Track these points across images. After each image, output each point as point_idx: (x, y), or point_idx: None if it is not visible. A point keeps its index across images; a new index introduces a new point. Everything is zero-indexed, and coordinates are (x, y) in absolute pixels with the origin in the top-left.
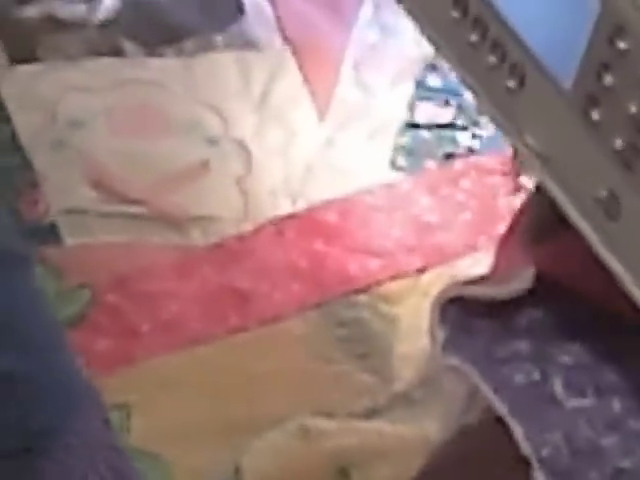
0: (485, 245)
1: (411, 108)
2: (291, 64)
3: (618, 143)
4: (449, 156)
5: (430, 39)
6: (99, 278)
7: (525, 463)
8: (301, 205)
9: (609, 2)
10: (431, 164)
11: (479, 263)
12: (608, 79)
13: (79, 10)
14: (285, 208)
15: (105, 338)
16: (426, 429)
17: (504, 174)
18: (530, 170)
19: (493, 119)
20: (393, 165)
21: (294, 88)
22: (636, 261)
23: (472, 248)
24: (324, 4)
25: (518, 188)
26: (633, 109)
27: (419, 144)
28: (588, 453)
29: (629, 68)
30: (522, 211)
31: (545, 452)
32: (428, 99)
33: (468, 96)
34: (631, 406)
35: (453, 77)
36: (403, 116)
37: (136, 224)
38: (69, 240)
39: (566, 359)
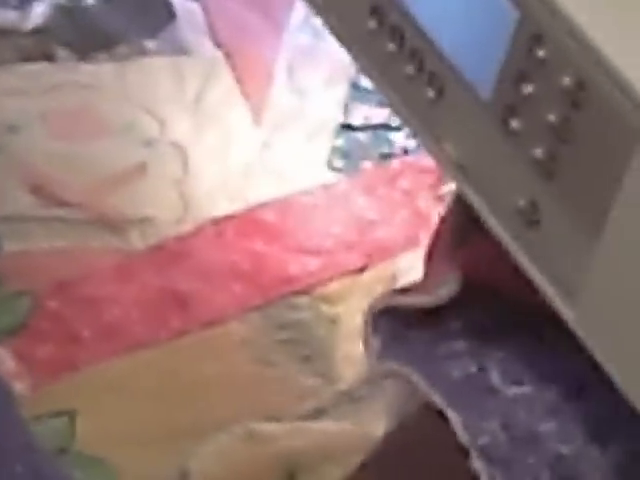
0: (425, 241)
1: (346, 110)
2: (224, 68)
3: (538, 152)
4: (385, 156)
5: (347, 49)
6: (39, 284)
7: (465, 452)
8: (240, 206)
9: (527, 9)
10: (367, 164)
11: (419, 259)
12: (527, 88)
13: (10, 17)
14: (224, 209)
15: (47, 344)
16: (372, 426)
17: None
18: (449, 178)
19: (411, 128)
20: (330, 166)
21: (228, 92)
22: (554, 265)
23: (412, 244)
24: (255, 8)
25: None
26: (552, 118)
27: (355, 145)
28: (526, 440)
29: (548, 77)
30: (445, 217)
31: (483, 440)
32: (362, 100)
33: None
34: (569, 392)
35: None
36: (338, 118)
37: (75, 228)
38: (7, 246)
39: (501, 353)
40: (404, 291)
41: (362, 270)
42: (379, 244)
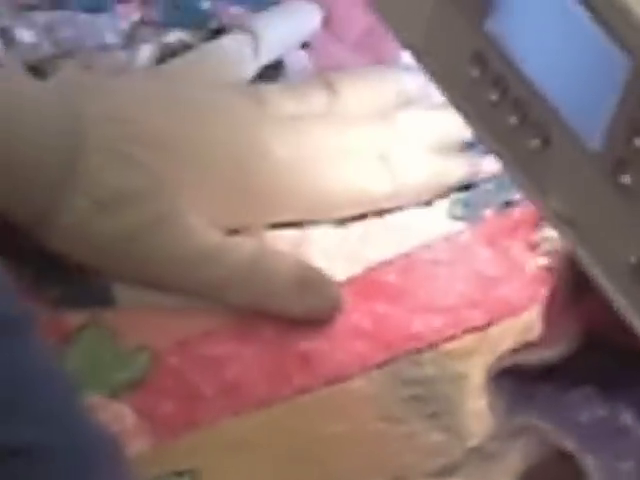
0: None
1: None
2: None
3: None
4: (508, 204)
5: (448, 97)
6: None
7: None
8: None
9: None
10: (489, 213)
11: None
12: (639, 142)
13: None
14: (342, 272)
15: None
16: None
17: None
18: (557, 233)
19: (516, 181)
20: (451, 216)
21: None
22: None
23: (537, 300)
24: (364, 52)
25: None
26: None
27: (478, 195)
28: None
29: None
30: (560, 272)
31: None
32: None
33: None
34: None
35: None
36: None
37: None
38: (122, 301)
39: (631, 395)
40: (523, 349)
41: (487, 326)
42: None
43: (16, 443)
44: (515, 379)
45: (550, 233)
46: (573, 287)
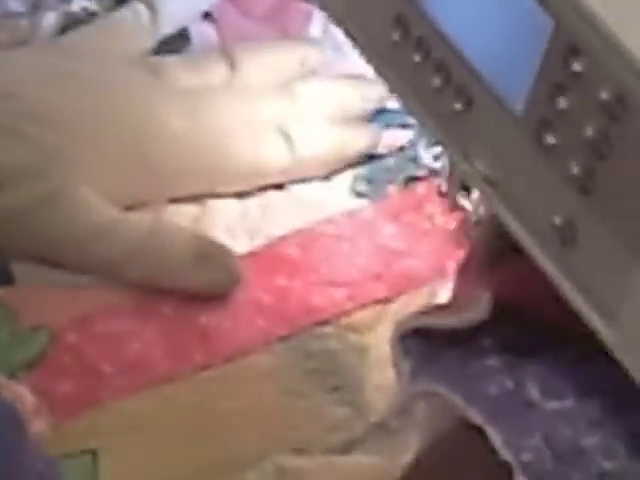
0: (453, 270)
1: None
2: None
3: (574, 168)
4: (411, 180)
5: (370, 61)
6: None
7: (505, 469)
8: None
9: (563, 19)
10: (393, 189)
11: (448, 288)
12: (562, 102)
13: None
14: (243, 246)
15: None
16: (405, 459)
17: None
18: (480, 195)
19: (439, 142)
20: (354, 192)
21: None
22: (592, 286)
23: (440, 273)
24: (272, 25)
25: (454, 209)
26: (589, 132)
27: (380, 172)
28: (570, 455)
29: (585, 90)
30: (477, 239)
31: (526, 457)
32: (387, 124)
33: None
34: (609, 407)
35: None
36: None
37: None
38: (21, 280)
39: (538, 367)
40: (432, 312)
41: (389, 299)
42: (405, 274)
43: None
44: (421, 342)
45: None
46: (488, 254)
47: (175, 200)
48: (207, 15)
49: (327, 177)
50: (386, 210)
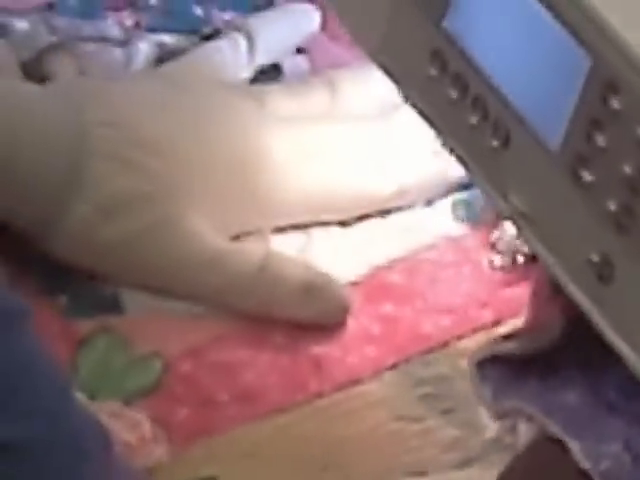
0: None
1: None
2: None
3: (611, 205)
4: None
5: (408, 98)
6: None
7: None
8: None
9: (601, 56)
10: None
11: None
12: (600, 139)
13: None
14: (348, 274)
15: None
16: None
17: None
18: (517, 232)
19: (475, 179)
20: (454, 217)
21: None
22: (628, 324)
23: None
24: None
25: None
26: (627, 170)
27: (479, 196)
28: None
29: (622, 127)
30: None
31: (605, 465)
32: None
33: None
34: None
35: None
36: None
37: None
38: (131, 309)
39: (617, 373)
40: (506, 338)
41: (496, 324)
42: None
43: (7, 438)
44: (498, 368)
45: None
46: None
47: (280, 229)
48: (298, 50)
49: (427, 204)
50: (485, 235)
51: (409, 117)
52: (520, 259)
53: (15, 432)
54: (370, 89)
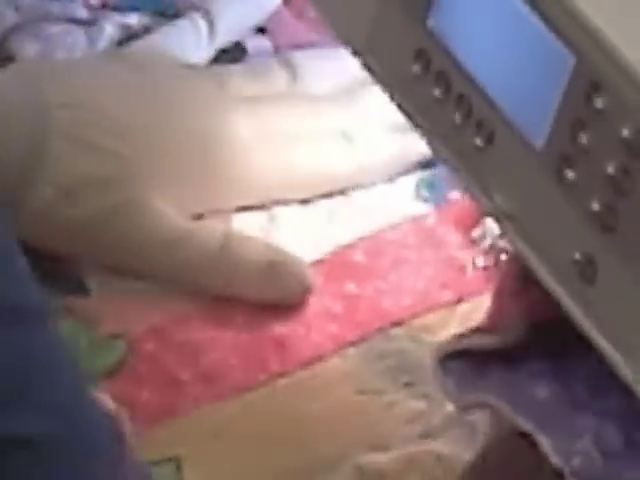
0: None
1: None
2: None
3: (595, 205)
4: None
5: (389, 94)
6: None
7: (557, 475)
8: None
9: (585, 55)
10: (455, 195)
11: None
12: (583, 138)
13: None
14: (310, 253)
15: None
16: None
17: None
18: (500, 230)
19: (459, 177)
20: (417, 197)
21: None
22: (611, 324)
23: None
24: (326, 30)
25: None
26: (611, 169)
27: (443, 177)
28: (620, 454)
29: (606, 126)
30: (509, 260)
31: (576, 461)
32: None
33: None
34: None
35: None
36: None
37: None
38: (97, 290)
39: (585, 368)
40: (470, 334)
41: (457, 303)
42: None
43: (23, 433)
44: (463, 359)
45: (489, 229)
46: (521, 277)
47: (242, 208)
48: (261, 29)
49: (390, 181)
50: (449, 217)
51: (371, 95)
52: (503, 258)
53: (31, 426)
54: (332, 70)
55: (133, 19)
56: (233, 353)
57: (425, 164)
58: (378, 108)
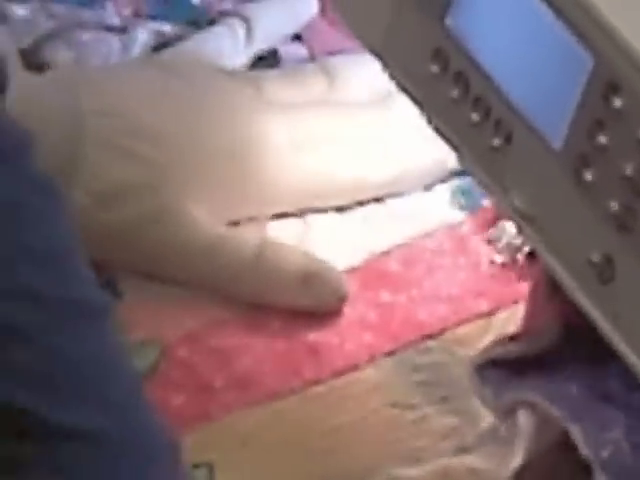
0: None
1: None
2: None
3: (613, 205)
4: None
5: (410, 96)
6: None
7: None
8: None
9: (603, 56)
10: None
11: None
12: (601, 138)
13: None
14: (345, 261)
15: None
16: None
17: None
18: (518, 231)
19: (476, 178)
20: (452, 205)
21: None
22: (629, 324)
23: None
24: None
25: None
26: (629, 170)
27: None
28: None
29: (625, 127)
30: (542, 267)
31: (605, 453)
32: None
33: None
34: None
35: None
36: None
37: None
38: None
39: (617, 367)
40: (505, 342)
41: (493, 312)
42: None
43: (86, 427)
44: (500, 368)
45: (507, 228)
46: (553, 281)
47: (277, 216)
48: (297, 37)
49: (426, 189)
50: (482, 224)
51: (407, 103)
52: (520, 258)
53: (93, 421)
54: (368, 76)
55: (167, 27)
56: (266, 360)
57: (461, 171)
58: (414, 114)
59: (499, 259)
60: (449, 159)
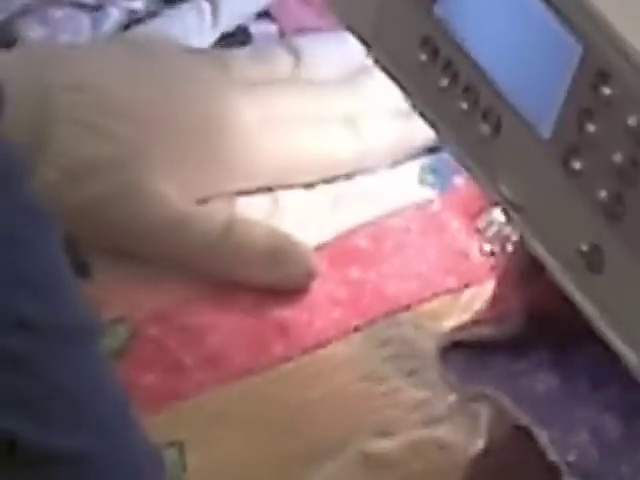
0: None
1: None
2: None
3: (601, 194)
4: None
5: (395, 82)
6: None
7: (557, 471)
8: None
9: (592, 44)
10: (459, 180)
11: None
12: (591, 127)
13: None
14: (313, 238)
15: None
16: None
17: None
18: (507, 219)
19: (465, 166)
20: (421, 183)
21: None
22: (618, 313)
23: None
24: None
25: None
26: (618, 158)
27: (447, 162)
28: (617, 446)
29: (613, 115)
30: (513, 252)
31: (572, 456)
32: None
33: None
34: None
35: None
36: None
37: None
38: (100, 274)
39: (586, 360)
40: (469, 326)
41: (461, 289)
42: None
43: (73, 450)
44: (462, 352)
45: (496, 217)
46: (524, 269)
47: (246, 192)
48: (266, 13)
49: (394, 166)
50: (453, 202)
51: (375, 80)
52: (509, 247)
53: (79, 444)
54: (337, 54)
55: (138, 4)
56: (236, 337)
57: (429, 149)
58: (382, 93)
59: (488, 248)
60: (417, 136)
